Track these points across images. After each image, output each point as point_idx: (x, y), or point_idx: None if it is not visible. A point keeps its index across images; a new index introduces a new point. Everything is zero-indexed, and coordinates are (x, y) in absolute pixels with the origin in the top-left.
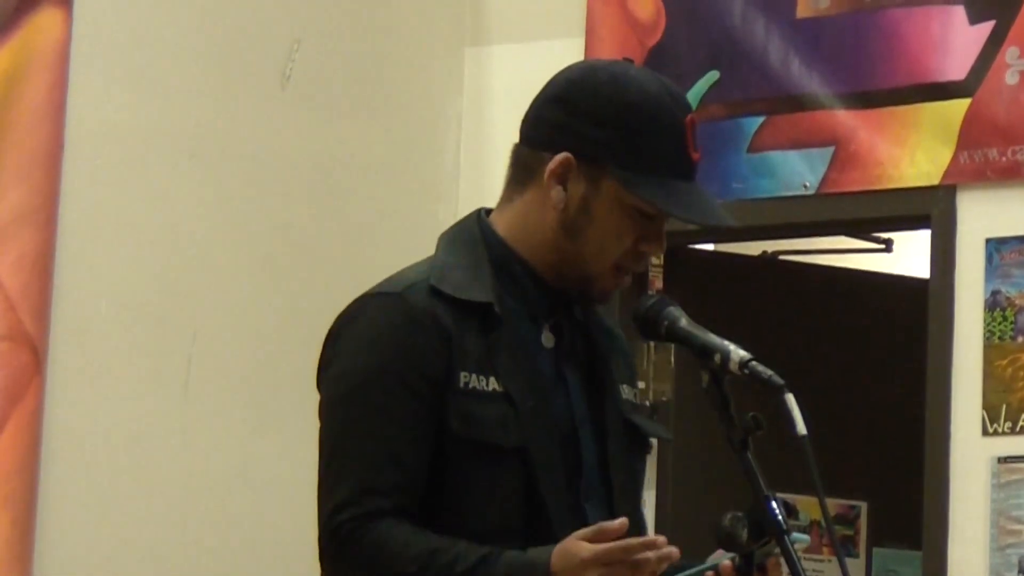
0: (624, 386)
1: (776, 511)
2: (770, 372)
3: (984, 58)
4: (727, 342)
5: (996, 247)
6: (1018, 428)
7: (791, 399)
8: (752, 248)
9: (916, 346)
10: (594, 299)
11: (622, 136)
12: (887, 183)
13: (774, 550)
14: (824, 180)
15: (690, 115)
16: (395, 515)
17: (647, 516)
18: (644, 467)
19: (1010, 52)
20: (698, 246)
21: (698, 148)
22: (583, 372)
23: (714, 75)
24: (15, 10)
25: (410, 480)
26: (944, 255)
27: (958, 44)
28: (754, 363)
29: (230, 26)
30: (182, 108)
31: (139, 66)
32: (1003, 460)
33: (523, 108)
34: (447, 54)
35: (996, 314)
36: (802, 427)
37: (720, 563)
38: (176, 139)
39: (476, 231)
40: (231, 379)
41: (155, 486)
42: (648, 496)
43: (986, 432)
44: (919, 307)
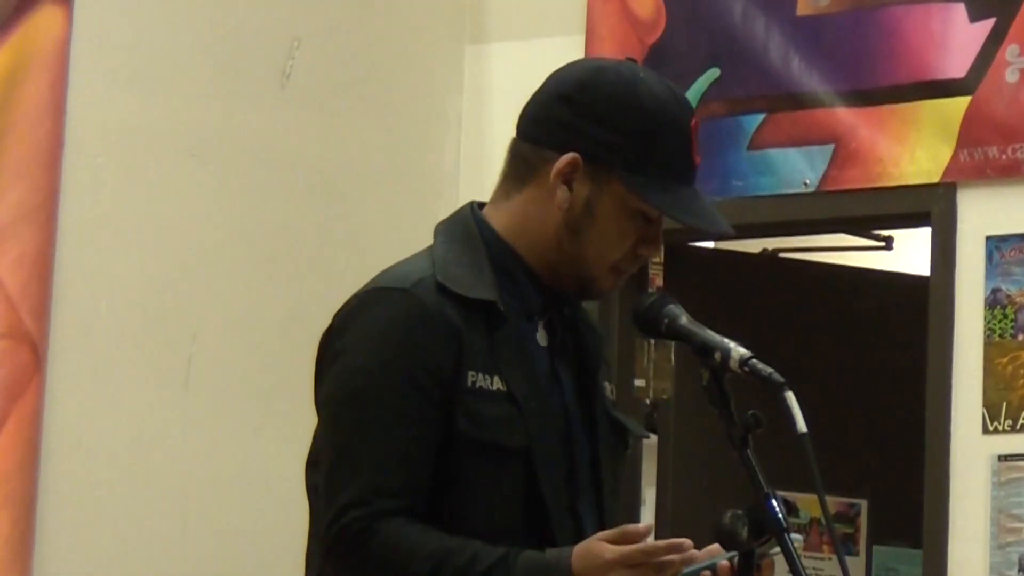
0: (606, 383)
1: (776, 509)
2: (770, 370)
3: (984, 56)
4: (727, 340)
5: (996, 245)
6: (1018, 426)
7: (791, 397)
8: (752, 246)
9: (916, 344)
10: (590, 297)
11: (632, 140)
12: (887, 181)
13: (774, 548)
14: (824, 178)
15: (695, 119)
16: (405, 515)
17: (647, 515)
18: (624, 465)
19: (1010, 50)
20: (698, 244)
21: (699, 152)
22: (574, 370)
23: (714, 73)
24: (15, 9)
25: (418, 480)
26: (944, 253)
27: (958, 42)
28: (754, 361)
29: (230, 26)
30: (182, 107)
31: (139, 65)
32: (1003, 458)
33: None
34: (447, 52)
35: (996, 312)
36: (802, 425)
37: (717, 563)
38: (176, 138)
39: (472, 226)
40: (231, 379)
41: (155, 486)
42: (648, 495)
43: (986, 430)
44: (919, 305)
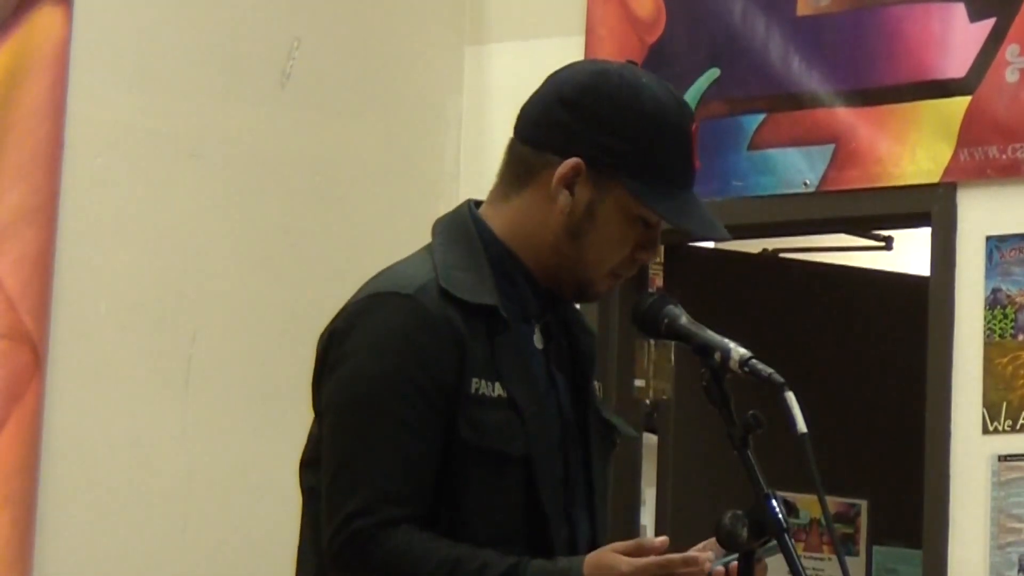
0: (597, 383)
1: (776, 509)
2: (770, 370)
3: (984, 56)
4: (727, 340)
5: (996, 245)
6: (1018, 426)
7: (791, 397)
8: (752, 246)
9: (916, 344)
10: (586, 300)
11: (635, 146)
12: (887, 181)
13: (774, 550)
14: (824, 178)
15: (694, 124)
16: (412, 523)
17: (647, 515)
18: (611, 465)
19: (1010, 50)
20: (698, 244)
21: (698, 156)
22: (568, 373)
23: (714, 73)
24: (15, 9)
25: (423, 487)
26: (944, 253)
27: (958, 42)
28: (754, 361)
29: (230, 26)
30: (182, 107)
31: (139, 66)
32: (1003, 458)
33: None
34: (447, 53)
35: (996, 312)
36: (802, 425)
37: (714, 568)
38: (176, 139)
39: (471, 227)
40: (231, 379)
41: (155, 486)
42: (648, 495)
43: (986, 430)
44: (919, 305)
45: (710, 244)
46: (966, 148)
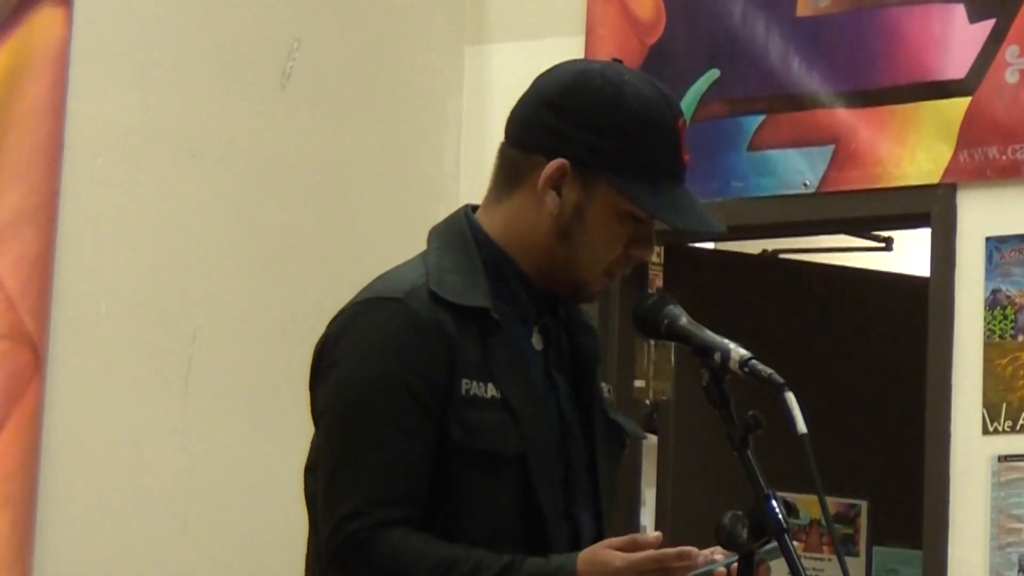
0: (604, 384)
1: (776, 510)
2: (770, 371)
3: (984, 56)
4: (727, 341)
5: (996, 246)
6: (1018, 427)
7: (791, 398)
8: (752, 247)
9: (916, 345)
10: (583, 300)
11: (620, 144)
12: (887, 182)
13: (774, 550)
14: (824, 179)
15: (682, 119)
16: (406, 525)
17: (647, 515)
18: (620, 466)
19: (1010, 51)
20: (698, 245)
21: (688, 151)
22: (570, 374)
23: (714, 73)
24: (15, 9)
25: (417, 489)
26: (944, 254)
27: (958, 42)
28: (754, 362)
29: (230, 26)
30: (182, 108)
31: (139, 65)
32: (1003, 459)
33: None
34: (447, 53)
35: (996, 313)
36: (802, 426)
37: (727, 565)
38: (176, 139)
39: (466, 231)
40: (231, 379)
41: (155, 486)
42: (648, 495)
43: (986, 431)
44: (919, 306)
45: (710, 245)
46: (966, 149)
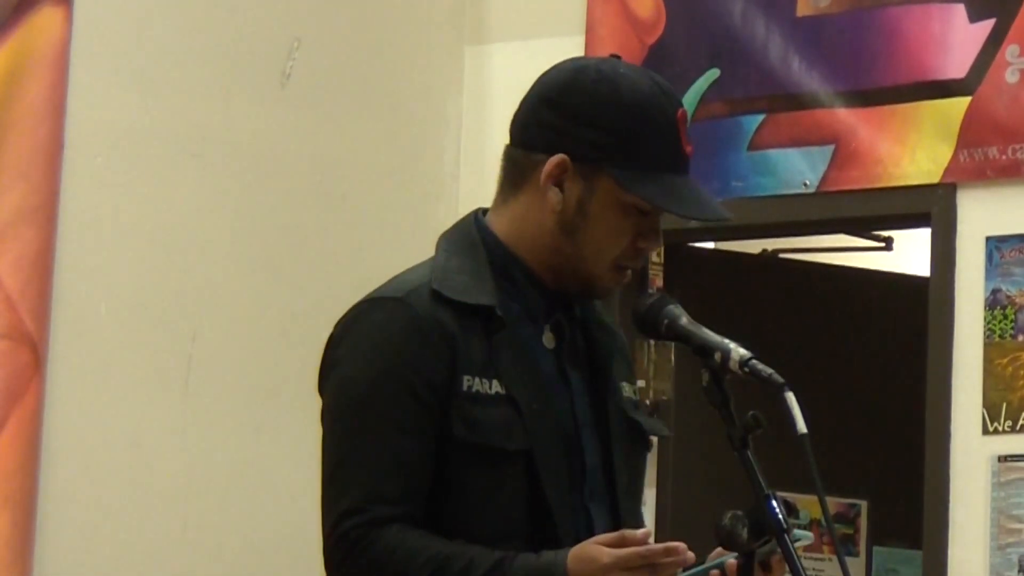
0: (624, 384)
1: (776, 510)
2: (770, 370)
3: (984, 56)
4: (727, 340)
5: (996, 245)
6: (1018, 427)
7: (791, 397)
8: (752, 246)
9: (916, 345)
10: (595, 296)
11: (616, 136)
12: (887, 181)
13: (775, 549)
14: (824, 178)
15: (681, 109)
16: (403, 522)
17: (647, 515)
18: (645, 465)
19: (1010, 50)
20: (698, 244)
21: (690, 141)
22: (585, 371)
23: (714, 73)
24: (15, 9)
25: (416, 487)
26: (944, 253)
27: (958, 42)
28: (754, 361)
29: (230, 26)
30: (182, 108)
31: (139, 66)
32: (1003, 459)
33: None
34: (447, 52)
35: (996, 312)
36: (802, 426)
37: (725, 561)
38: (176, 139)
39: (475, 233)
40: (231, 379)
41: (155, 486)
42: (648, 495)
43: (986, 431)
44: (919, 305)
45: (710, 245)
46: (966, 149)
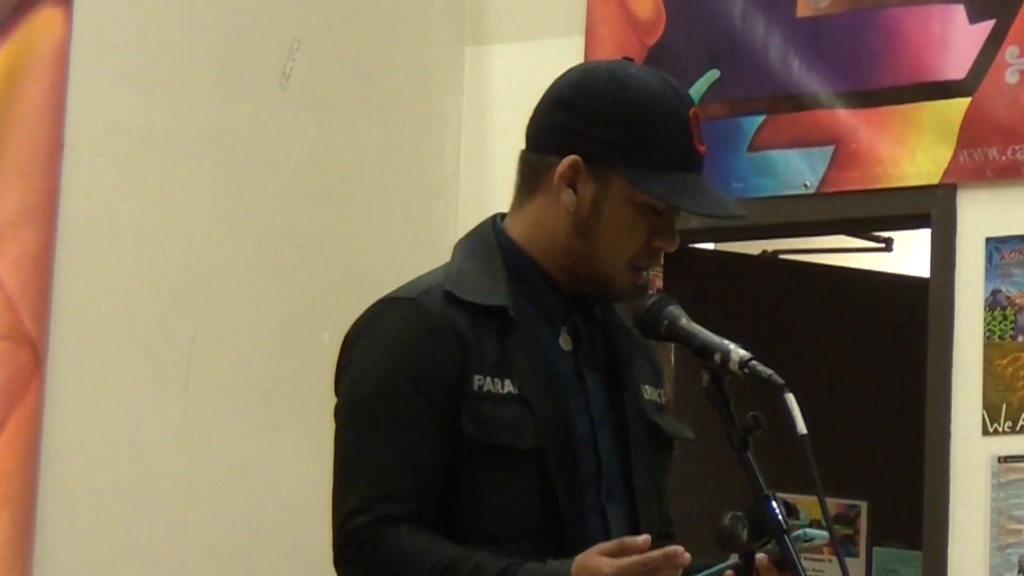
0: (647, 387)
1: (776, 511)
2: (770, 371)
3: (984, 57)
4: (727, 341)
5: (996, 246)
6: (1018, 427)
7: (791, 398)
8: (752, 247)
9: (916, 346)
10: (612, 298)
11: (627, 134)
12: (887, 182)
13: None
14: (824, 179)
15: (694, 109)
16: (411, 521)
17: None
18: (668, 467)
19: (1010, 51)
20: (698, 245)
21: (703, 141)
22: (604, 374)
23: (714, 74)
24: (15, 9)
25: (425, 485)
26: (944, 254)
27: (958, 43)
28: (754, 362)
29: (230, 26)
30: (182, 108)
31: (139, 66)
32: (1003, 459)
33: (523, 107)
34: (447, 53)
35: (996, 313)
36: (802, 426)
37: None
38: (176, 139)
39: (492, 237)
40: (231, 379)
41: (155, 486)
42: None
43: (986, 431)
44: (919, 306)
45: (710, 245)
46: (966, 149)
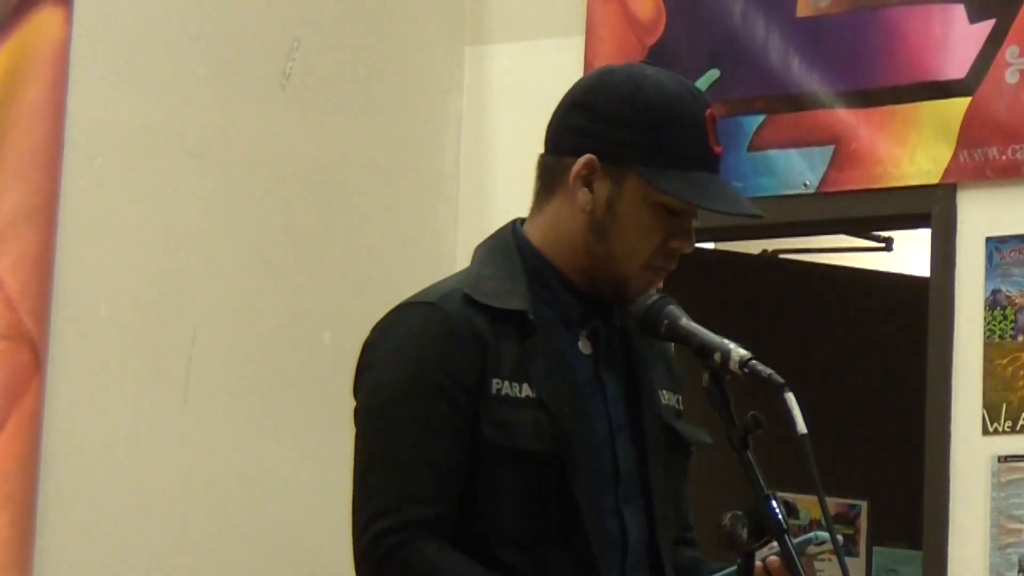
0: (665, 392)
1: (776, 510)
2: (770, 371)
3: (984, 57)
4: (727, 341)
5: (996, 246)
6: (1018, 427)
7: (791, 398)
8: (752, 247)
9: (916, 345)
10: (628, 300)
11: (643, 134)
12: (887, 182)
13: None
14: (824, 179)
15: (710, 109)
16: (435, 526)
17: None
18: (686, 472)
19: (1010, 51)
20: (698, 245)
21: (719, 142)
22: (622, 378)
23: (714, 74)
24: (15, 9)
25: (447, 489)
26: (944, 254)
27: (958, 43)
28: (754, 362)
29: (230, 26)
30: (182, 108)
31: (139, 66)
32: (1003, 459)
33: (523, 107)
34: (447, 53)
35: (996, 313)
36: (802, 426)
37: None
38: (176, 139)
39: (511, 241)
40: (231, 379)
41: (155, 486)
42: None
43: (986, 431)
44: (919, 306)
45: (710, 245)
46: (966, 149)
